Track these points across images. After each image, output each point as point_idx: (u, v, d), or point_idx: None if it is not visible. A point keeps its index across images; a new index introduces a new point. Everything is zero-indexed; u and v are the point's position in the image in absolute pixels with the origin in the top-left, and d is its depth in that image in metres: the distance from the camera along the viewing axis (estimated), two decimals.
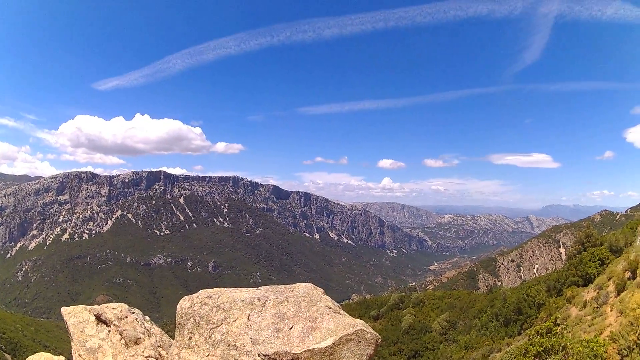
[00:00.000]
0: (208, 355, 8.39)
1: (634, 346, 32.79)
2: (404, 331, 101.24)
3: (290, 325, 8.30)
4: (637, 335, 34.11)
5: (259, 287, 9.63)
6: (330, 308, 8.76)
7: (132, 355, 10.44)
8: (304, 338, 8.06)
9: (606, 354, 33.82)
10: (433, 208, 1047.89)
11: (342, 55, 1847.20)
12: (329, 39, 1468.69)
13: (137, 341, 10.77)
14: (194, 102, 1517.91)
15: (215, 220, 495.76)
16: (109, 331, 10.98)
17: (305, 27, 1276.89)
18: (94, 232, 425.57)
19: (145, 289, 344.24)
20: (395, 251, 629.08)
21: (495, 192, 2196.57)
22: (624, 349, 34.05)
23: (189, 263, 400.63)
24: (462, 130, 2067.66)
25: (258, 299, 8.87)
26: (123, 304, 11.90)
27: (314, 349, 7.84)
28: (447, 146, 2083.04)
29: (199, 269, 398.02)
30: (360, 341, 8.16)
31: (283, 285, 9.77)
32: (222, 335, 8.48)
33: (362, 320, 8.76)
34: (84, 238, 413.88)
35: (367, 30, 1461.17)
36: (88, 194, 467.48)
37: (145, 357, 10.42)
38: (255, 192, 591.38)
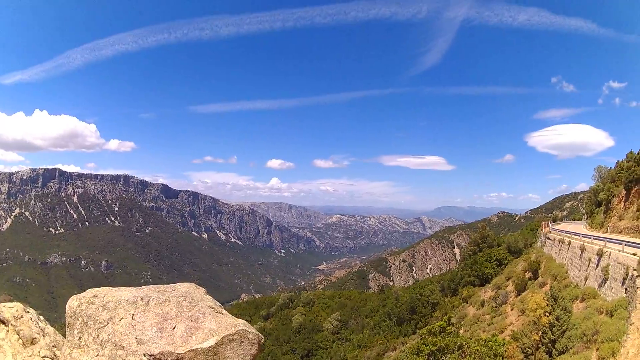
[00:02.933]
0: (97, 355, 8.39)
1: (540, 345, 34.70)
2: (295, 330, 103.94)
3: (174, 325, 8.49)
4: (539, 335, 36.08)
5: (142, 287, 9.79)
6: (212, 308, 9.10)
7: (30, 356, 10.20)
8: (187, 338, 8.28)
9: (506, 353, 35.45)
10: (322, 208, 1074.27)
11: (238, 54, 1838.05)
12: (226, 38, 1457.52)
13: (32, 341, 10.54)
14: (90, 98, 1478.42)
15: (107, 219, 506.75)
16: (8, 331, 10.71)
17: (203, 25, 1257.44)
18: None
19: (43, 289, 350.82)
20: (284, 251, 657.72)
21: (386, 193, 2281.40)
22: (528, 348, 35.92)
23: (82, 262, 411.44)
24: (354, 132, 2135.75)
25: (141, 299, 8.96)
26: (19, 303, 11.64)
27: (197, 349, 8.09)
28: (338, 147, 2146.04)
29: (92, 269, 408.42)
30: (242, 341, 8.54)
31: (165, 285, 9.99)
32: (108, 335, 8.50)
33: (244, 320, 9.18)
34: None
35: (265, 30, 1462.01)
36: None
37: (42, 357, 10.20)
38: (145, 190, 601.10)
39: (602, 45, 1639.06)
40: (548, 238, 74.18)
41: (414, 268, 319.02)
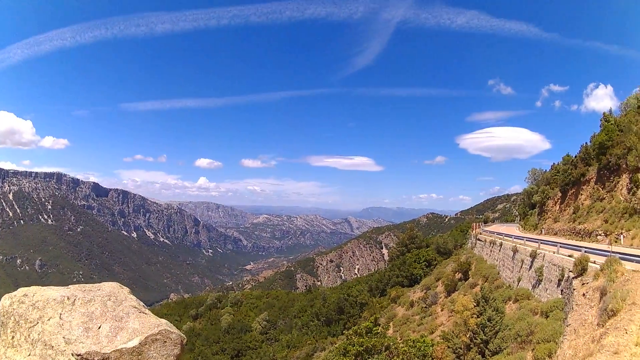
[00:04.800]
0: (29, 355, 8.47)
1: (472, 345, 34.81)
2: (224, 330, 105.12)
3: (99, 325, 8.57)
4: (467, 336, 36.27)
5: (69, 286, 9.79)
6: (136, 307, 9.19)
7: None
8: (112, 338, 8.38)
9: (435, 353, 35.42)
10: (249, 208, 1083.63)
11: (170, 52, 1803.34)
12: (160, 35, 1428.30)
13: None
14: (28, 94, 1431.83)
15: (40, 217, 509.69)
16: None
17: (139, 21, 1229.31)
18: None
19: None
20: (211, 250, 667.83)
21: (314, 193, 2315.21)
22: (459, 348, 36.00)
23: (18, 261, 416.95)
24: (282, 132, 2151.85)
25: (67, 298, 8.96)
26: None
27: (122, 348, 8.23)
28: (267, 147, 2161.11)
29: (27, 267, 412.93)
30: (165, 341, 8.69)
31: (90, 284, 10.02)
32: (38, 334, 8.57)
33: (166, 321, 9.30)
34: None
35: (200, 27, 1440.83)
36: None
37: None
38: (77, 189, 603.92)
39: (545, 49, 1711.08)
40: (479, 239, 75.62)
41: (341, 268, 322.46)
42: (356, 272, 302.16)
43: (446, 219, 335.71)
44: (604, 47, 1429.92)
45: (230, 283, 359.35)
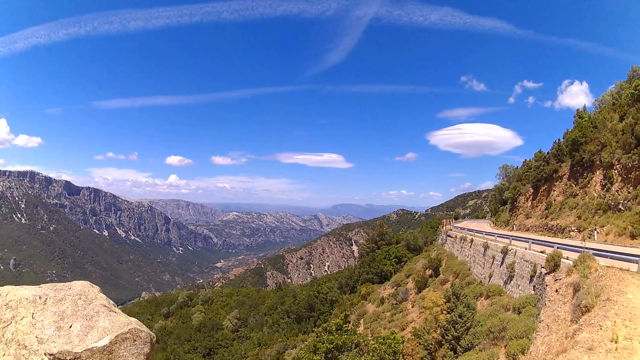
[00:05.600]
0: (4, 355, 8.47)
1: (443, 342, 34.82)
2: (196, 329, 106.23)
3: (70, 324, 8.66)
4: (438, 332, 36.29)
5: (41, 285, 9.89)
6: (106, 306, 9.31)
7: None
8: (83, 337, 8.49)
9: (405, 350, 35.42)
10: (219, 205, 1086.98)
11: (142, 49, 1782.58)
12: (133, 32, 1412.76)
13: None
14: (2, 92, 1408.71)
15: (14, 216, 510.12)
16: None
17: (112, 19, 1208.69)
18: None
19: None
20: (182, 248, 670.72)
21: (283, 190, 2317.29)
22: (430, 345, 36.00)
23: None
24: (253, 128, 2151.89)
25: (39, 297, 9.04)
26: None
27: (93, 347, 8.32)
28: (237, 144, 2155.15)
29: (1, 267, 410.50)
30: (135, 340, 8.81)
31: (62, 283, 10.04)
32: (12, 334, 8.60)
33: (136, 319, 9.48)
34: None
35: (172, 24, 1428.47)
36: None
37: None
38: (50, 187, 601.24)
39: (519, 46, 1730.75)
40: (449, 236, 76.16)
41: (311, 265, 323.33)
42: (326, 269, 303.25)
43: (416, 216, 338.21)
44: (580, 44, 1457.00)
45: (201, 281, 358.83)
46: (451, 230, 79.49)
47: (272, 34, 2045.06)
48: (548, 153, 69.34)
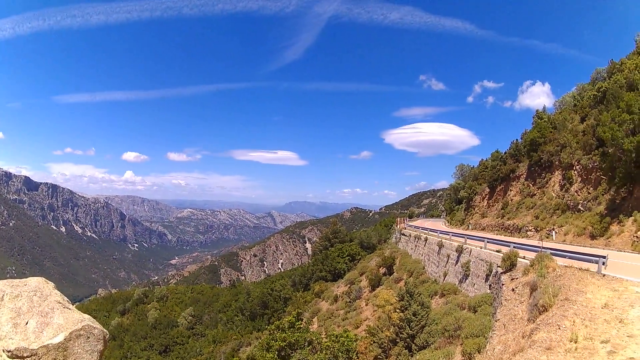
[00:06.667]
0: None
1: (398, 340, 34.85)
2: (152, 326, 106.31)
3: (26, 321, 8.71)
4: (390, 330, 36.35)
5: None
6: (60, 303, 9.25)
7: None
8: (39, 334, 8.52)
9: (359, 348, 35.41)
10: (173, 202, 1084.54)
11: (103, 44, 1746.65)
12: (95, 26, 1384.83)
13: None
14: None
15: None
16: None
17: (75, 12, 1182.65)
18: None
19: None
20: (137, 245, 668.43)
21: (237, 187, 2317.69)
22: (385, 343, 36.03)
23: None
24: (208, 125, 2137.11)
25: None
26: None
27: (48, 344, 8.27)
28: (192, 140, 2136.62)
29: None
30: (89, 337, 8.81)
31: (18, 280, 10.09)
32: None
33: (89, 316, 9.47)
34: None
35: (133, 19, 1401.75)
36: None
37: None
38: (10, 182, 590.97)
39: (481, 46, 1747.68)
40: (403, 234, 76.66)
41: (265, 263, 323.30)
42: (280, 267, 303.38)
43: (370, 214, 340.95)
44: (543, 46, 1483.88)
45: (156, 278, 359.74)
46: (405, 228, 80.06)
47: (231, 31, 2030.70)
48: (505, 153, 70.42)
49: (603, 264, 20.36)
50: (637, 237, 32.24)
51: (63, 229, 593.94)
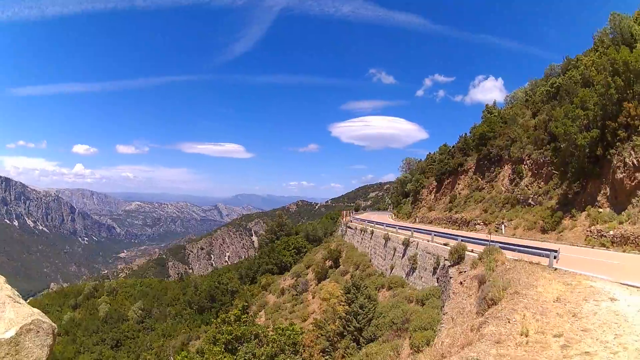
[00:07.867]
0: None
1: (345, 332, 34.70)
2: (103, 320, 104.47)
3: None
4: (338, 323, 36.24)
5: None
6: (11, 297, 8.74)
7: None
8: None
9: (305, 341, 35.21)
10: (121, 195, 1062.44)
11: (58, 35, 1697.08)
12: (51, 18, 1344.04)
13: None
14: None
15: None
16: None
17: (31, 3, 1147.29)
18: None
19: None
20: (87, 238, 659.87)
21: (185, 180, 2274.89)
22: (332, 336, 35.87)
23: None
24: (156, 117, 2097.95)
25: None
26: None
27: (1, 339, 7.72)
28: (140, 132, 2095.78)
29: None
30: (38, 331, 8.27)
31: None
32: None
33: (38, 310, 8.80)
34: None
35: (87, 10, 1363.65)
36: None
37: None
38: None
39: (433, 40, 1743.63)
40: (349, 227, 76.76)
41: (212, 256, 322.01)
42: (227, 260, 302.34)
43: (316, 207, 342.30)
44: (497, 41, 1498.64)
45: (106, 272, 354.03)
46: (351, 221, 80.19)
47: (181, 23, 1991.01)
48: (453, 147, 71.21)
49: (555, 257, 20.45)
50: (590, 231, 32.85)
51: (16, 223, 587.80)
